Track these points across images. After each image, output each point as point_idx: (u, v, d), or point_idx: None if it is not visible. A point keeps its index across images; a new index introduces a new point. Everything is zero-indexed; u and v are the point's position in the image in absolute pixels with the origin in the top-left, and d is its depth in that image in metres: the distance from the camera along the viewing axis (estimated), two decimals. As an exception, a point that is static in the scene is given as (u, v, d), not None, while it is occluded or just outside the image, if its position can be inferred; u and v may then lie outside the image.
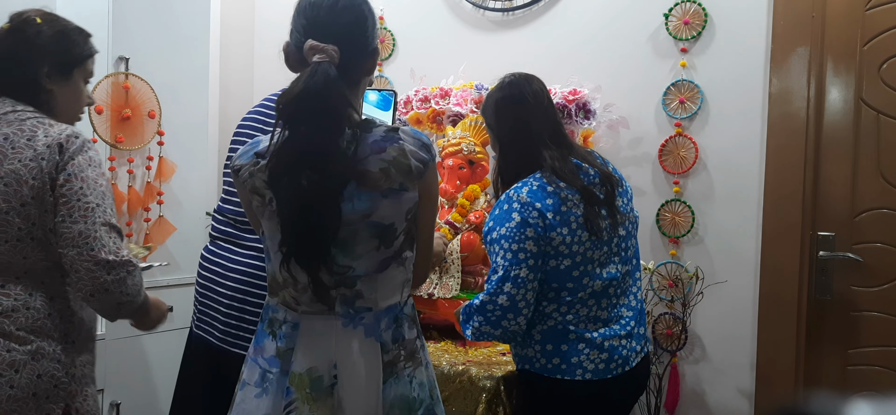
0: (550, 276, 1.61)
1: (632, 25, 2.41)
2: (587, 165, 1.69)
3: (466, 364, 1.84)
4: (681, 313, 2.30)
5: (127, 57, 2.37)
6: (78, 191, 1.32)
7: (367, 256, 1.24)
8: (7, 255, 1.32)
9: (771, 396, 2.19)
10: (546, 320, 1.64)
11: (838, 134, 2.17)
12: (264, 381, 1.27)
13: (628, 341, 1.67)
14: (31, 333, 1.31)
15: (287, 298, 1.28)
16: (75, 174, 1.33)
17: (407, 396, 1.27)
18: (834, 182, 2.18)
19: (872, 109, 2.13)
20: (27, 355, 1.29)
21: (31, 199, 1.31)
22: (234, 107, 3.09)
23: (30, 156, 1.32)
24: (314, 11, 1.24)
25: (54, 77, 1.43)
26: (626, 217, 1.71)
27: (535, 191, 1.62)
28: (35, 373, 1.30)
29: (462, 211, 2.25)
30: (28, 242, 1.32)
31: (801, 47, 2.17)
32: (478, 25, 2.73)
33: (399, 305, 1.30)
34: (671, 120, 2.35)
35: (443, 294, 2.14)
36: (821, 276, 2.18)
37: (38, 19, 1.40)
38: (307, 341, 1.25)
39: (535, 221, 1.58)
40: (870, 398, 0.57)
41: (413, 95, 2.57)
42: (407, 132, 1.26)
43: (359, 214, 1.21)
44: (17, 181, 1.31)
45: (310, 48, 1.20)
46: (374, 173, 1.21)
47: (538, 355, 1.64)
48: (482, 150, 2.33)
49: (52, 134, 1.35)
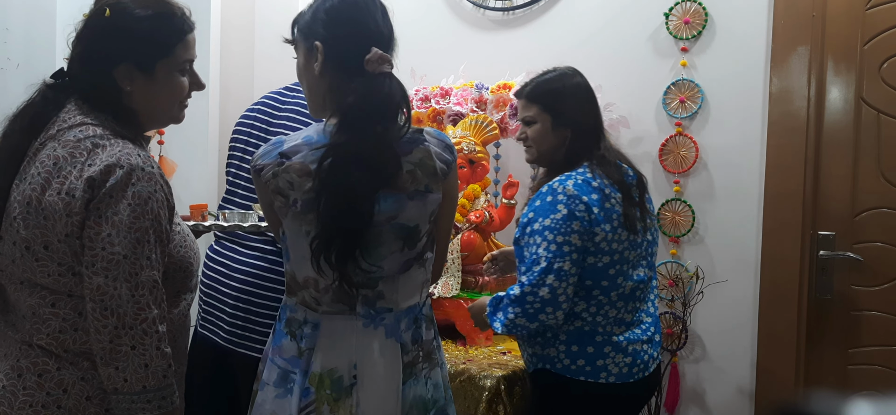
0: (587, 273, 1.59)
1: (632, 25, 2.41)
2: (625, 165, 1.71)
3: (466, 364, 1.84)
4: (681, 312, 2.30)
5: (127, 56, 2.36)
6: (104, 239, 1.13)
7: (390, 257, 1.24)
8: (53, 283, 1.18)
9: (771, 395, 2.18)
10: (574, 320, 1.62)
11: (838, 133, 2.17)
12: (287, 381, 1.27)
13: (649, 347, 1.67)
14: (79, 355, 1.19)
15: (307, 299, 1.27)
16: (106, 217, 1.13)
17: (423, 397, 1.28)
18: (834, 181, 2.18)
19: (873, 109, 2.13)
20: (76, 376, 1.19)
21: (63, 238, 1.15)
22: (234, 107, 3.08)
23: (66, 189, 1.14)
24: (372, 21, 1.27)
25: (134, 76, 1.22)
26: (652, 222, 1.72)
27: (580, 185, 1.60)
28: (84, 395, 1.19)
29: (462, 211, 2.25)
30: (69, 276, 1.17)
31: (802, 47, 2.17)
32: (478, 25, 2.73)
33: (419, 306, 1.31)
34: (671, 119, 2.34)
35: (443, 294, 2.14)
36: (821, 275, 2.18)
37: (106, 12, 1.20)
38: (327, 342, 1.26)
39: (581, 215, 1.56)
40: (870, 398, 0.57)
41: (413, 95, 2.57)
42: (430, 133, 1.28)
43: (385, 216, 1.22)
44: (51, 216, 1.14)
45: (379, 58, 1.22)
46: (401, 175, 1.22)
47: (561, 356, 1.62)
48: (482, 149, 2.33)
49: (95, 162, 1.14)
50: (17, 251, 1.17)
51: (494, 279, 2.21)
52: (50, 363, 1.18)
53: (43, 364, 1.18)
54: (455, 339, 2.11)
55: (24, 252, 1.16)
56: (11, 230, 1.18)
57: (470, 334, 2.08)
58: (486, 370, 1.80)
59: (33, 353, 1.19)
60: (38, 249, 1.16)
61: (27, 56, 2.48)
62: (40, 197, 1.14)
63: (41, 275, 1.17)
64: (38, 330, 1.19)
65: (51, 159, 1.16)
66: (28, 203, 1.15)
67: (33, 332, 1.19)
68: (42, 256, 1.16)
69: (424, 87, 2.57)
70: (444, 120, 2.49)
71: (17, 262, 1.18)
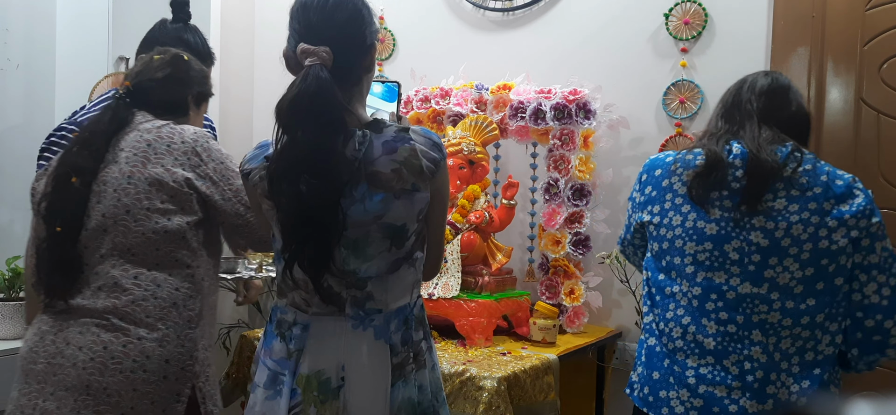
0: None
1: (632, 25, 2.42)
2: None
3: (466, 364, 1.84)
4: (681, 312, 2.29)
5: (127, 57, 2.37)
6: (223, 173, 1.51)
7: (379, 257, 1.23)
8: (142, 247, 1.41)
9: (771, 396, 2.18)
10: None
11: (838, 134, 2.17)
12: (276, 383, 1.26)
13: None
14: (158, 320, 1.40)
15: (297, 300, 1.27)
16: (215, 162, 1.50)
17: (412, 399, 1.26)
18: (834, 182, 2.17)
19: (873, 109, 2.13)
20: (155, 341, 1.38)
21: (169, 197, 1.43)
22: (234, 107, 3.09)
23: (170, 162, 1.45)
24: (305, 13, 1.23)
25: (195, 103, 1.63)
26: None
27: None
28: (163, 358, 1.39)
29: (462, 211, 2.25)
30: (162, 235, 1.42)
31: (801, 47, 2.17)
32: (478, 25, 2.73)
33: (409, 306, 1.29)
34: (671, 120, 2.35)
35: (443, 294, 2.14)
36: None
37: (185, 57, 1.61)
38: (316, 343, 1.25)
39: None
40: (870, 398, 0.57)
41: (413, 95, 2.57)
42: (417, 132, 1.25)
43: (371, 216, 1.21)
44: (158, 182, 1.42)
45: (301, 52, 1.20)
46: (386, 174, 1.20)
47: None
48: (482, 150, 2.33)
49: (186, 137, 1.49)
50: (109, 221, 1.41)
51: (494, 280, 2.21)
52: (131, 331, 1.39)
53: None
54: (455, 339, 2.11)
55: (125, 216, 1.41)
56: (105, 202, 1.41)
57: (470, 334, 2.08)
58: (486, 371, 1.80)
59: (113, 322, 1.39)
60: (139, 212, 1.42)
61: (27, 56, 2.49)
62: (142, 170, 1.42)
63: (133, 239, 1.41)
64: (118, 299, 1.39)
65: (143, 142, 1.45)
66: (129, 176, 1.42)
67: (117, 302, 1.38)
68: (141, 218, 1.42)
69: (424, 87, 2.57)
70: (444, 120, 2.49)
71: (110, 230, 1.40)
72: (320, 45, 1.20)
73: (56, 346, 1.38)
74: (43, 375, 1.37)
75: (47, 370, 1.37)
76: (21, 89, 2.48)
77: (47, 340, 1.39)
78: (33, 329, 1.43)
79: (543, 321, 2.15)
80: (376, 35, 1.31)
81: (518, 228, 2.56)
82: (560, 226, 2.32)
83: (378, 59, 2.94)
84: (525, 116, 2.36)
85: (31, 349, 1.41)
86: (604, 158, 2.40)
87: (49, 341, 1.39)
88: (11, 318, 2.21)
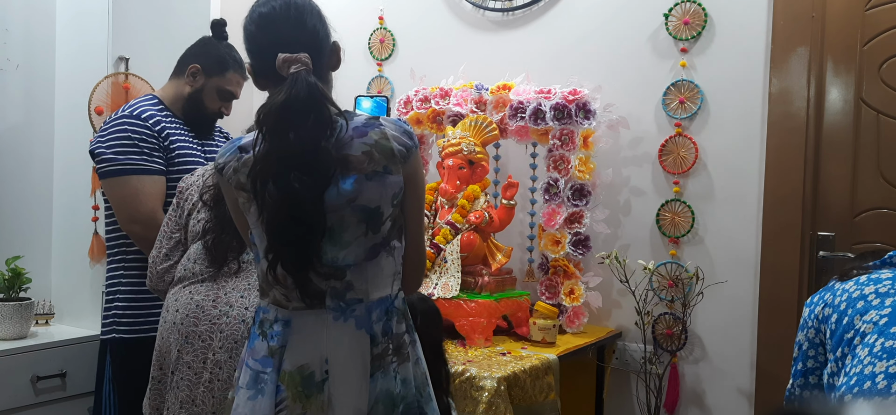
0: None
1: (632, 25, 2.42)
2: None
3: (466, 364, 1.84)
4: (681, 312, 2.30)
5: (127, 57, 2.37)
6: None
7: (355, 243, 1.25)
8: None
9: (771, 395, 2.18)
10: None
11: (838, 134, 2.17)
12: (258, 382, 1.26)
13: None
14: None
15: (277, 297, 1.28)
16: None
17: (391, 391, 1.26)
18: (834, 182, 2.18)
19: (872, 109, 2.13)
20: None
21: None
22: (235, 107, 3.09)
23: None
24: (275, 27, 1.28)
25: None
26: None
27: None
28: None
29: (462, 211, 2.25)
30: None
31: (801, 47, 2.17)
32: (478, 25, 2.73)
33: (390, 298, 1.30)
34: (671, 120, 2.35)
35: (443, 294, 2.14)
36: (821, 276, 2.18)
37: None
38: (298, 338, 1.26)
39: None
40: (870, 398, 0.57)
41: (413, 95, 2.57)
42: (388, 120, 1.31)
43: (344, 199, 1.23)
44: None
45: (284, 61, 1.23)
46: (357, 156, 1.24)
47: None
48: (482, 150, 2.33)
49: None
50: None
51: (494, 280, 2.21)
52: None
53: None
54: (455, 339, 2.11)
55: None
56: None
57: (470, 334, 2.08)
58: (486, 371, 1.80)
59: None
60: None
61: (27, 56, 2.48)
62: None
63: None
64: None
65: None
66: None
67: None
68: None
69: (424, 87, 2.57)
70: (444, 120, 2.49)
71: None
72: (298, 52, 1.24)
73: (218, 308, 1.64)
74: (206, 334, 1.61)
75: (211, 330, 1.61)
76: (21, 89, 2.48)
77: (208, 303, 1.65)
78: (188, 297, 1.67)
79: (543, 321, 2.15)
80: (333, 33, 1.36)
81: (518, 229, 2.56)
82: (560, 226, 2.32)
83: (378, 60, 2.94)
84: (525, 116, 2.36)
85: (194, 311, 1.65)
86: (604, 159, 2.40)
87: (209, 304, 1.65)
88: (11, 318, 2.21)
